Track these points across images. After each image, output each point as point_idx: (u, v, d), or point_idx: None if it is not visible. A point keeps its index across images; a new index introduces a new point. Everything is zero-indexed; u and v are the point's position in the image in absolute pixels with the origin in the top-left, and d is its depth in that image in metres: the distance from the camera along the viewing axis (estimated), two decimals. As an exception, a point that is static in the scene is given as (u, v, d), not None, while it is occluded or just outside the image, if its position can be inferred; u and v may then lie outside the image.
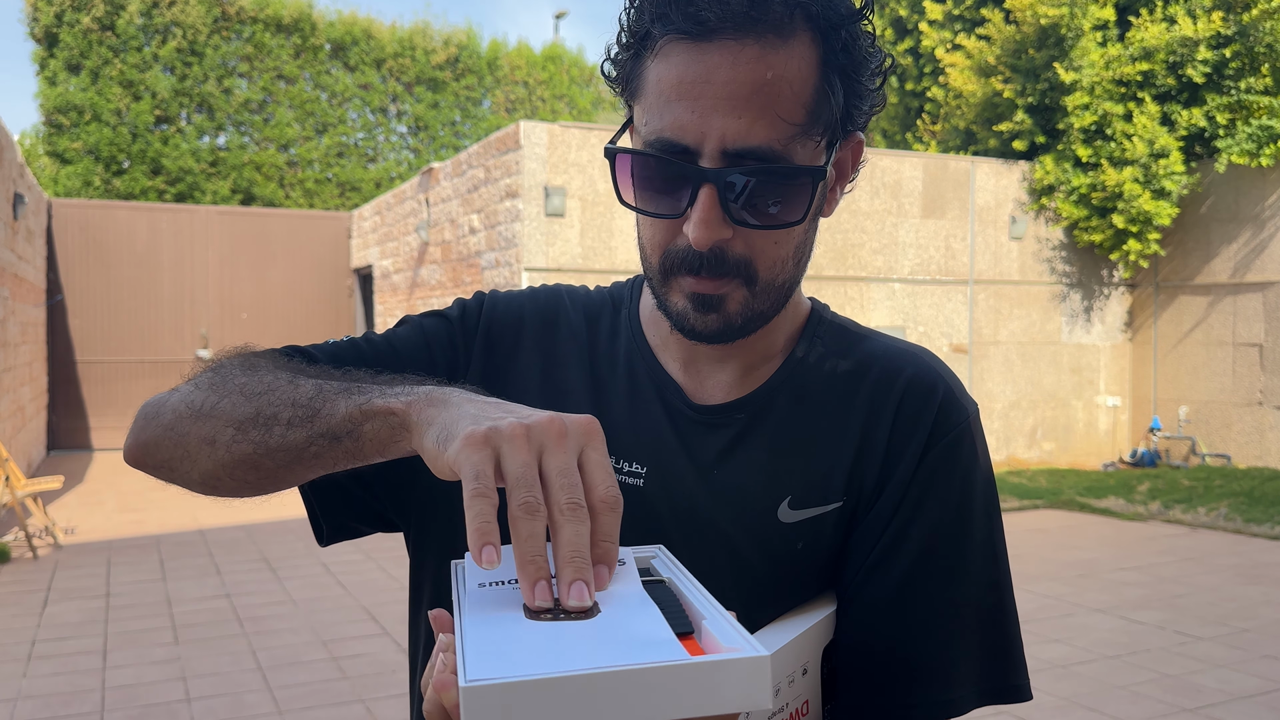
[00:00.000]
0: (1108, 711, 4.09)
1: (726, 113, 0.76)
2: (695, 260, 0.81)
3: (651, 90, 0.80)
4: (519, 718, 0.49)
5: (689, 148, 0.77)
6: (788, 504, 0.87)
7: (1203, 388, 10.84)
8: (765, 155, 0.77)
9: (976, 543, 0.88)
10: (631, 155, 0.81)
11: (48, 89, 15.81)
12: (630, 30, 0.81)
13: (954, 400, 0.90)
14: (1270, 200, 10.16)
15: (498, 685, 0.50)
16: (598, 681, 0.50)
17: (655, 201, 0.81)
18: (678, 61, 0.77)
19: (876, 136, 14.99)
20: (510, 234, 8.82)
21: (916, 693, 0.85)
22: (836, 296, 9.90)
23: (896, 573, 0.85)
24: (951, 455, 0.87)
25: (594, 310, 0.99)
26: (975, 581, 0.87)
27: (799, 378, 0.91)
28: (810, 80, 0.78)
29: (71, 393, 13.12)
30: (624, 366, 0.94)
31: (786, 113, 0.77)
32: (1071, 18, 10.55)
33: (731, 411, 0.89)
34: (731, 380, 0.91)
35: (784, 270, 0.84)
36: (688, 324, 0.84)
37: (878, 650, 0.85)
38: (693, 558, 0.84)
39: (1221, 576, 6.42)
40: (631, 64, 0.82)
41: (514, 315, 0.98)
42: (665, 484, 0.88)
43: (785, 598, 0.87)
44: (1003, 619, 0.89)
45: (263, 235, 14.17)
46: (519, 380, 0.94)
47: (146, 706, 4.17)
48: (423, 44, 18.63)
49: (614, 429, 0.89)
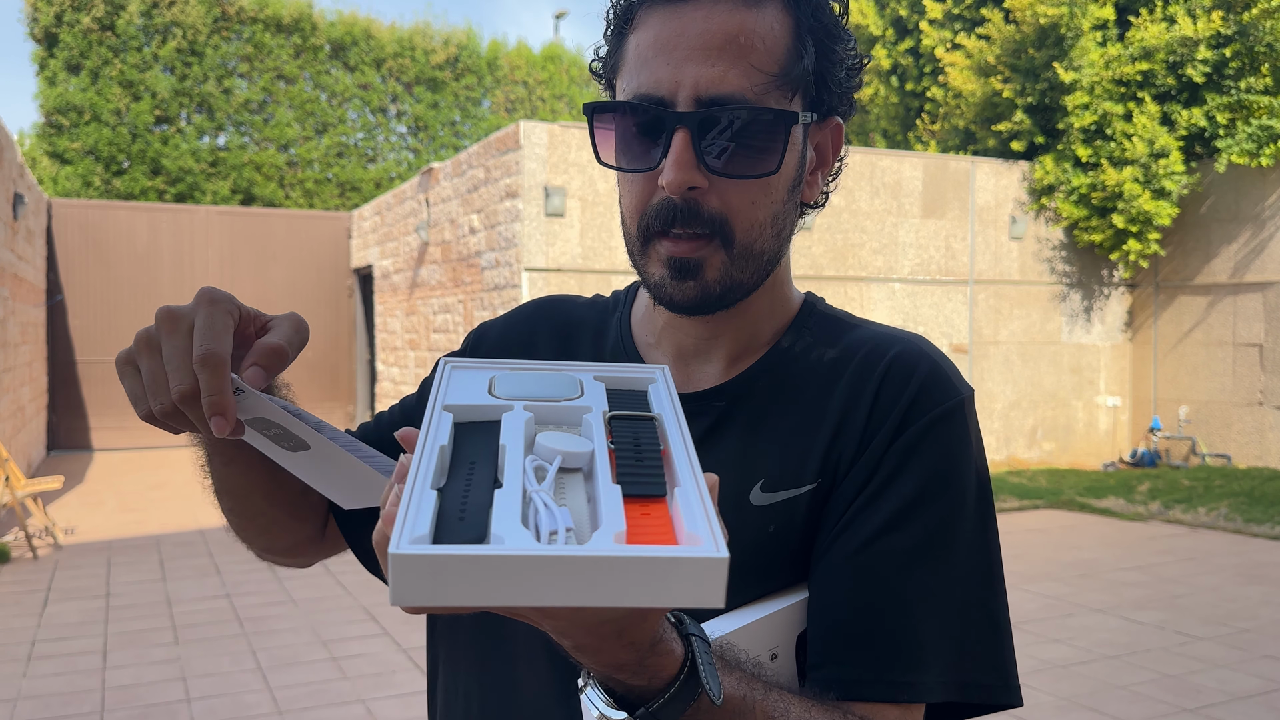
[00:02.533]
0: (1108, 711, 4.09)
1: (700, 61, 0.79)
2: (669, 213, 0.81)
3: (630, 58, 0.83)
4: (446, 589, 0.49)
5: (664, 98, 0.80)
6: (760, 487, 0.85)
7: (1203, 388, 10.83)
8: (739, 101, 0.79)
9: (962, 528, 0.82)
10: (610, 110, 0.83)
11: (47, 89, 15.80)
12: (615, 12, 0.85)
13: (941, 380, 0.86)
14: (1270, 200, 10.16)
15: (426, 556, 0.48)
16: (534, 564, 0.48)
17: (632, 158, 0.83)
18: (655, 23, 0.81)
19: (877, 136, 14.99)
20: (510, 234, 8.81)
21: (871, 666, 0.79)
22: (837, 297, 9.90)
23: (859, 540, 0.81)
24: (933, 432, 0.83)
25: (574, 320, 1.01)
26: (959, 566, 0.82)
27: (782, 366, 0.90)
28: (783, 38, 0.81)
29: (71, 393, 13.12)
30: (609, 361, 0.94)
31: (759, 62, 0.79)
32: (1071, 17, 10.55)
33: (710, 399, 0.89)
34: (716, 372, 0.91)
35: (761, 236, 0.84)
36: (665, 293, 0.84)
37: (834, 617, 0.81)
38: None
39: (1221, 576, 6.42)
40: (615, 45, 0.86)
41: (499, 339, 1.02)
42: None
43: (757, 583, 0.84)
44: (984, 615, 0.83)
45: (263, 235, 14.17)
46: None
47: (146, 706, 4.17)
48: (422, 44, 18.63)
49: None
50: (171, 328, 0.70)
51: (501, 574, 0.49)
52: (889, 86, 14.36)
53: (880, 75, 14.41)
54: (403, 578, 0.49)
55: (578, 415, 0.67)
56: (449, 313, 10.45)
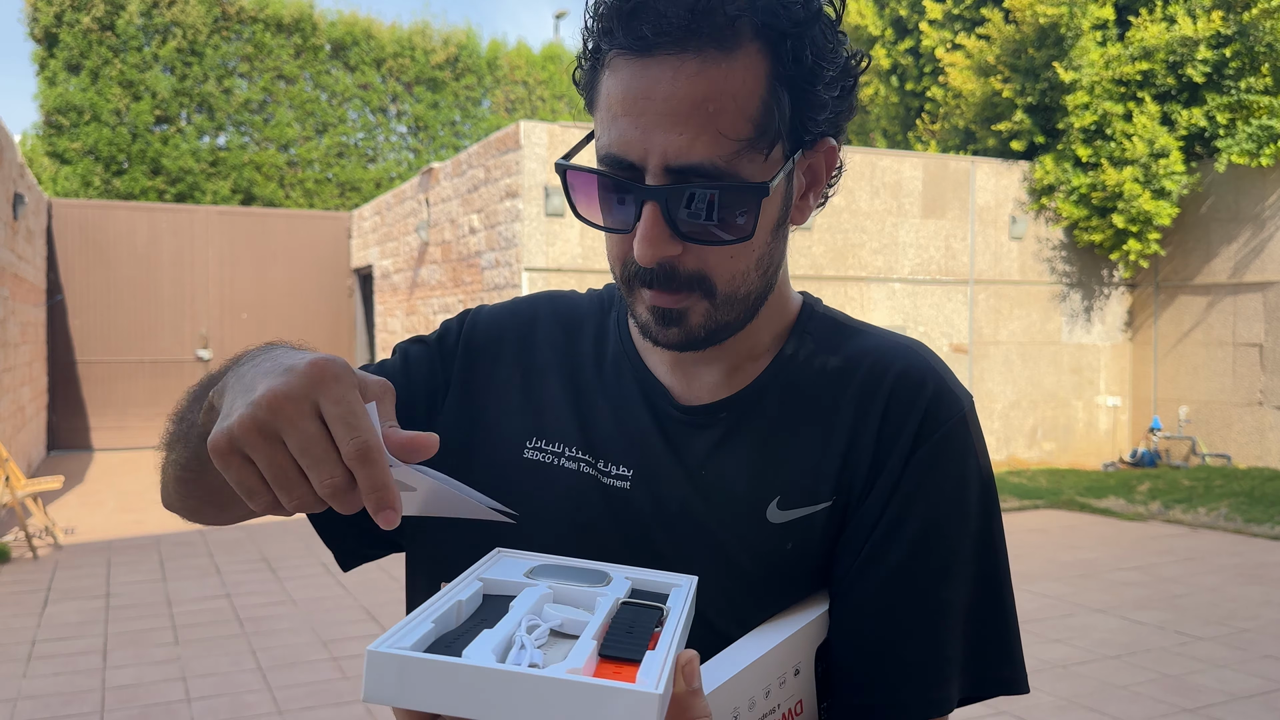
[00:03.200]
0: (1108, 711, 4.09)
1: (668, 129, 0.75)
2: (648, 275, 0.81)
3: (602, 105, 0.80)
4: (411, 691, 0.54)
5: (634, 164, 0.77)
6: (776, 504, 0.86)
7: (1203, 388, 10.84)
8: (708, 172, 0.76)
9: (970, 538, 0.86)
10: (581, 171, 0.81)
11: (47, 89, 15.80)
12: (586, 44, 0.82)
13: (946, 394, 0.87)
14: (1270, 200, 10.16)
15: (397, 656, 0.55)
16: (488, 677, 0.54)
17: (608, 216, 0.82)
18: (623, 77, 0.77)
19: (877, 136, 14.99)
20: (510, 234, 8.81)
21: (907, 691, 0.83)
22: (837, 296, 9.90)
23: (886, 570, 0.84)
24: (943, 450, 0.85)
25: (577, 316, 0.99)
26: (969, 577, 0.85)
27: (788, 375, 0.90)
28: (755, 93, 0.76)
29: (71, 393, 13.12)
30: (610, 370, 0.93)
31: (729, 128, 0.75)
32: (1071, 17, 10.55)
33: (718, 411, 0.89)
34: (718, 380, 0.90)
35: (745, 282, 0.83)
36: (651, 334, 0.84)
37: (869, 649, 0.84)
38: (682, 560, 0.84)
39: (1222, 576, 6.42)
40: (589, 76, 0.83)
41: (495, 331, 0.98)
42: (652, 487, 0.87)
43: (776, 598, 0.86)
44: (996, 613, 0.87)
45: (263, 235, 14.17)
46: (499, 395, 0.94)
47: (146, 706, 4.17)
48: (422, 44, 18.63)
49: (601, 433, 0.90)
50: (294, 413, 0.62)
51: (461, 684, 0.54)
52: (889, 86, 14.36)
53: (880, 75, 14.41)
54: (374, 674, 0.55)
55: (593, 599, 0.69)
56: (449, 313, 10.45)
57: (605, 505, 0.87)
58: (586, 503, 0.87)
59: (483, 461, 0.91)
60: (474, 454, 0.91)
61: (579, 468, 0.89)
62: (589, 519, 0.87)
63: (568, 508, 0.87)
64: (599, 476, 0.88)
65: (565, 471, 0.89)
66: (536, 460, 0.90)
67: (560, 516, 0.87)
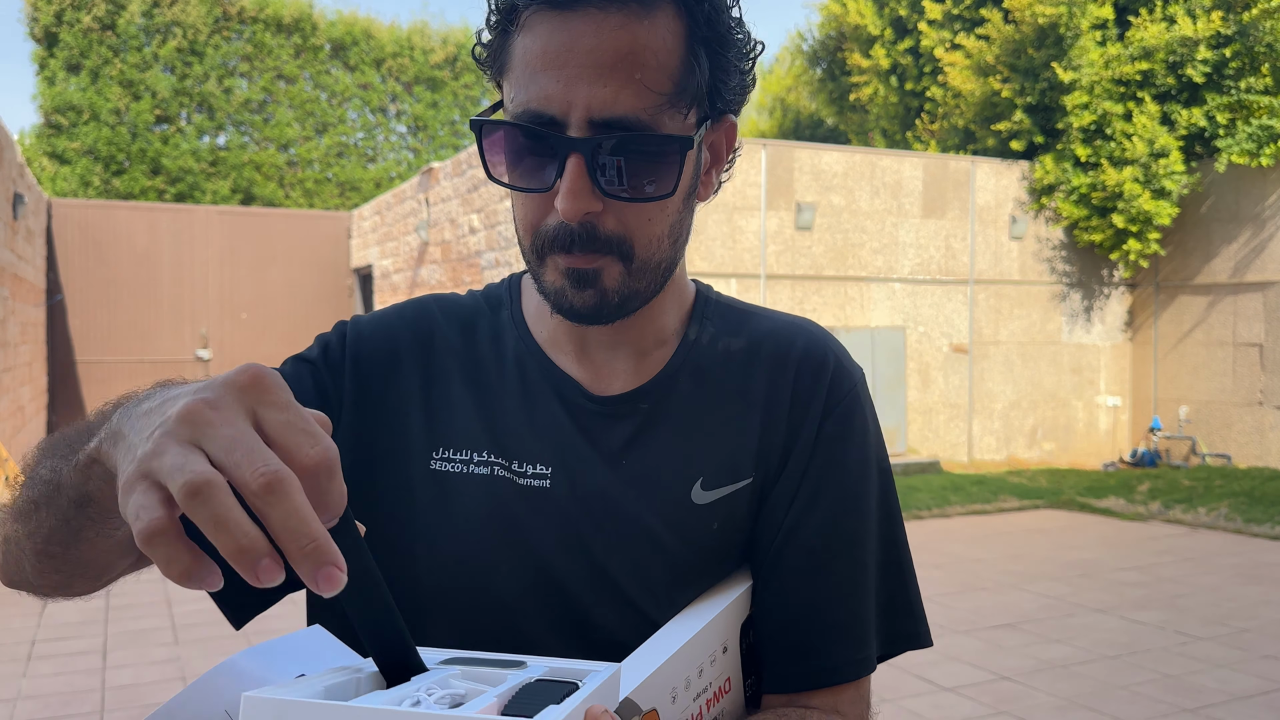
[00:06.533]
0: (1108, 711, 4.09)
1: (592, 81, 0.75)
2: (567, 237, 0.79)
3: (518, 64, 0.79)
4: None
5: (556, 118, 0.76)
6: (700, 485, 0.87)
7: (1203, 388, 10.84)
8: (632, 124, 0.76)
9: (875, 502, 0.90)
10: (500, 128, 0.79)
11: (47, 89, 15.81)
12: (496, 6, 0.80)
13: (842, 369, 0.92)
14: (1270, 200, 10.16)
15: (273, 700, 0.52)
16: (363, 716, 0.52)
17: (525, 176, 0.80)
18: (542, 32, 0.77)
19: (876, 136, 15.00)
20: (510, 234, 8.81)
21: (838, 654, 0.87)
22: (837, 296, 9.91)
23: (809, 540, 0.87)
24: (847, 421, 0.90)
25: (468, 317, 0.96)
26: (876, 539, 0.90)
27: (695, 359, 0.91)
28: (675, 51, 0.77)
29: (71, 393, 13.11)
30: (513, 369, 0.91)
31: (652, 82, 0.76)
32: (1070, 17, 10.55)
33: (634, 400, 0.89)
34: (628, 368, 0.90)
35: (659, 249, 0.83)
36: (565, 301, 0.83)
37: (798, 617, 0.87)
38: (611, 550, 0.85)
39: (1222, 576, 6.42)
40: (499, 41, 0.81)
41: (385, 339, 0.93)
42: (573, 481, 0.86)
43: (705, 578, 0.88)
44: (899, 572, 0.92)
45: (263, 235, 14.17)
46: (399, 405, 0.90)
47: (146, 706, 4.16)
48: (421, 43, 18.64)
49: (512, 434, 0.88)
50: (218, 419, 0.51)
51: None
52: (889, 86, 14.36)
53: (880, 75, 14.41)
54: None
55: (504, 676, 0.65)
56: (449, 313, 10.45)
57: (525, 505, 0.86)
58: (503, 506, 0.85)
59: (386, 480, 0.88)
60: (376, 472, 0.88)
61: (491, 471, 0.87)
62: (508, 522, 0.85)
63: (481, 514, 0.85)
64: (514, 478, 0.86)
65: (476, 478, 0.87)
66: (444, 471, 0.87)
67: (474, 524, 0.85)
